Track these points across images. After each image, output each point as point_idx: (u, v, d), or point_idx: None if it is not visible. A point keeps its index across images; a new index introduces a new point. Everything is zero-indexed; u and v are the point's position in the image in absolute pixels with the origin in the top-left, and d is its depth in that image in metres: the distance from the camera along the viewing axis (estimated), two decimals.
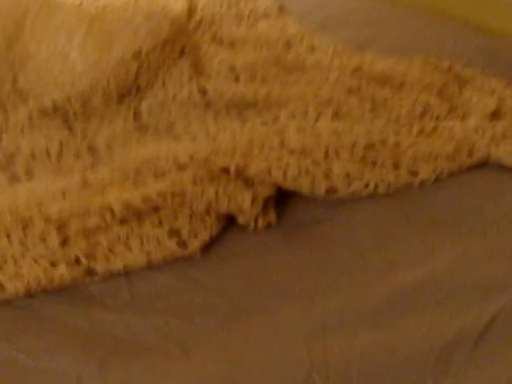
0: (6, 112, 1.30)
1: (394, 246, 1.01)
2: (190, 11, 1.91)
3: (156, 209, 0.99)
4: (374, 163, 1.14)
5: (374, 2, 2.02)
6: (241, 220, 1.03)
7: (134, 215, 0.97)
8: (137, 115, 1.33)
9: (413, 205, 1.10)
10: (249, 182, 1.05)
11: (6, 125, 1.25)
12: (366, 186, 1.11)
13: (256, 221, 1.04)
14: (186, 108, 1.33)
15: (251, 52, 1.59)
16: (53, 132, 1.22)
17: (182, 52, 1.43)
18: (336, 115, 1.28)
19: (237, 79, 1.43)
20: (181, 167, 1.05)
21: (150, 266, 0.96)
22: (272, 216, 1.06)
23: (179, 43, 1.43)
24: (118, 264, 0.94)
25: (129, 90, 1.35)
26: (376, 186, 1.11)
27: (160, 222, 0.98)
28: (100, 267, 0.93)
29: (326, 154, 1.12)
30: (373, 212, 1.08)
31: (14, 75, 1.38)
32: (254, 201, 1.03)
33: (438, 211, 1.09)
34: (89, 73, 1.32)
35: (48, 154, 1.16)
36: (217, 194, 1.00)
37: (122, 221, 0.97)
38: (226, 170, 1.05)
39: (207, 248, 1.00)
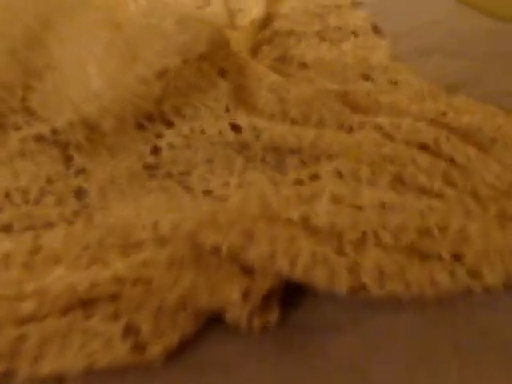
0: (4, 133, 1.11)
1: None
2: (267, 20, 1.66)
3: (113, 296, 0.76)
4: (424, 255, 0.86)
5: (492, 30, 1.69)
6: (228, 317, 0.78)
7: (79, 303, 0.74)
8: (156, 150, 1.10)
9: (467, 322, 0.81)
10: (246, 268, 0.80)
11: None
12: (408, 286, 0.83)
13: (250, 320, 0.79)
14: (213, 148, 1.09)
15: (316, 80, 1.33)
16: (43, 165, 1.01)
17: (221, 72, 1.19)
18: (396, 180, 1.00)
19: (284, 116, 1.18)
20: (159, 241, 0.81)
21: (92, 373, 0.72)
22: (273, 315, 0.80)
23: (219, 61, 1.19)
24: (46, 367, 0.71)
25: (150, 117, 1.13)
26: (421, 288, 0.83)
27: (115, 315, 0.75)
28: (23, 369, 0.71)
29: (362, 237, 0.85)
30: (407, 325, 0.80)
31: (26, 86, 1.19)
32: (247, 294, 0.78)
33: (502, 337, 0.79)
34: (104, 92, 1.11)
35: (26, 193, 0.96)
36: (195, 282, 0.76)
37: (65, 309, 0.74)
38: (216, 250, 0.80)
39: (175, 354, 0.75)
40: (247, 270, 0.80)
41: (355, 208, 0.89)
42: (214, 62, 1.19)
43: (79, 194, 0.98)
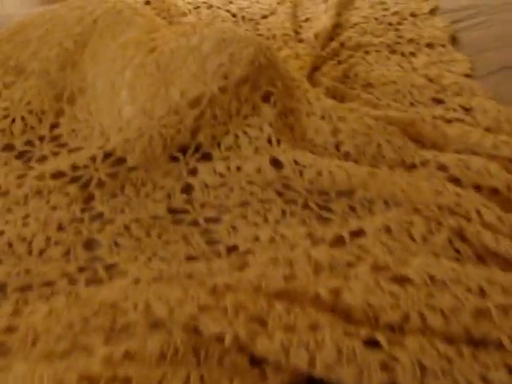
0: (26, 166, 1.02)
1: None
2: (334, 30, 1.52)
3: None
4: (478, 343, 0.71)
5: None
6: None
7: None
8: (187, 188, 0.99)
9: None
10: (256, 360, 0.67)
11: (7, 188, 0.97)
12: None
13: None
14: (250, 188, 0.97)
15: (379, 104, 1.18)
16: (58, 207, 0.92)
17: (266, 97, 1.07)
18: (456, 237, 0.85)
19: (336, 149, 1.04)
20: (153, 325, 0.69)
21: None
22: None
23: (264, 84, 1.07)
24: None
25: (183, 149, 1.02)
26: None
27: None
28: None
29: (403, 320, 0.71)
30: None
31: (58, 112, 1.11)
32: None
33: None
34: (133, 121, 1.01)
35: (31, 244, 0.87)
36: (189, 379, 0.64)
37: None
38: (220, 339, 0.67)
39: None
40: (257, 362, 0.67)
41: (398, 281, 0.75)
42: (258, 85, 1.07)
43: (90, 245, 0.88)
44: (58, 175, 0.97)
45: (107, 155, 0.98)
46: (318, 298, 0.72)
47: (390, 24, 1.57)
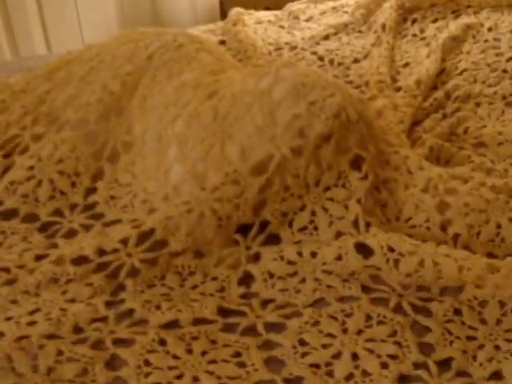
0: (49, 243, 0.83)
1: None
2: (439, 78, 1.29)
3: None
4: None
5: None
6: None
7: None
8: (246, 279, 0.77)
9: None
10: None
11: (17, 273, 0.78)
12: None
13: None
14: (327, 279, 0.75)
15: (495, 171, 0.94)
16: (76, 301, 0.72)
17: (355, 162, 0.84)
18: None
19: (443, 231, 0.81)
20: None
21: None
22: None
23: (353, 145, 0.85)
24: None
25: (243, 230, 0.81)
26: None
27: None
28: None
29: None
30: None
31: (94, 174, 0.92)
32: None
33: None
34: (181, 188, 0.81)
35: (34, 357, 0.67)
36: None
37: None
38: None
39: None
40: None
41: None
42: (344, 146, 0.85)
43: (112, 364, 0.66)
44: (80, 260, 0.77)
45: (144, 236, 0.77)
46: None
47: (505, 71, 1.32)
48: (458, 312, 0.72)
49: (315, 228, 0.81)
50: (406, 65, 1.41)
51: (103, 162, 0.93)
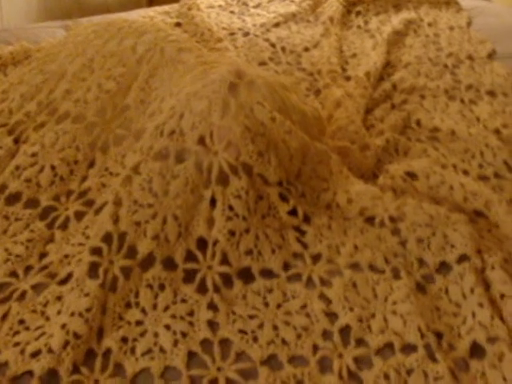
0: (49, 234, 0.90)
1: None
2: (385, 69, 1.40)
3: None
4: None
5: None
6: None
7: None
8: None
9: None
10: None
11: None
12: None
13: None
14: None
15: (447, 165, 1.06)
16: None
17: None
18: None
19: None
20: None
21: None
22: None
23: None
24: None
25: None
26: None
27: None
28: None
29: None
30: None
31: (90, 162, 0.97)
32: None
33: None
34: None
35: None
36: None
37: None
38: None
39: None
40: None
41: None
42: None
43: None
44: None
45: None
46: None
47: (446, 66, 1.45)
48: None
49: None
50: (354, 55, 1.51)
51: (95, 152, 0.98)
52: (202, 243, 0.86)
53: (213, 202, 0.88)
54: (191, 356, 0.76)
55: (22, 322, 0.77)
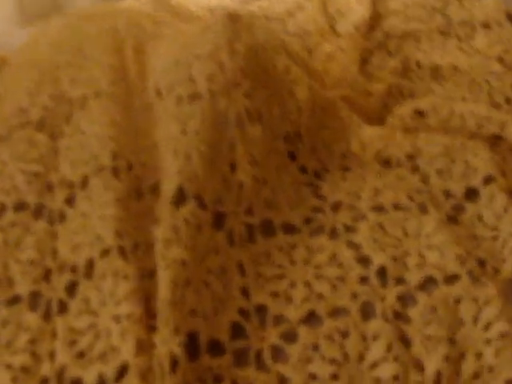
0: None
1: None
2: (374, 20, 1.35)
3: None
4: None
5: None
6: None
7: None
8: None
9: None
10: None
11: None
12: None
13: None
14: None
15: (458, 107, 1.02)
16: None
17: None
18: None
19: None
20: None
21: None
22: None
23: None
24: None
25: None
26: None
27: None
28: None
29: None
30: None
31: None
32: None
33: None
34: None
35: None
36: None
37: None
38: None
39: None
40: None
41: None
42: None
43: None
44: None
45: None
46: None
47: (435, 8, 1.40)
48: None
49: None
50: (339, 12, 1.46)
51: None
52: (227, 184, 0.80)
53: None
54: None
55: None
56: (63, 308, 0.70)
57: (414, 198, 0.84)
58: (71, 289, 0.72)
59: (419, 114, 1.01)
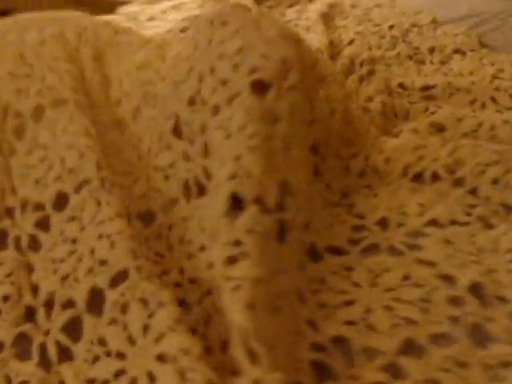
0: None
1: None
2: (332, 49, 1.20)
3: None
4: None
5: None
6: None
7: None
8: None
9: None
10: None
11: None
12: None
13: None
14: None
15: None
16: None
17: None
18: None
19: None
20: None
21: None
22: None
23: None
24: None
25: None
26: None
27: None
28: None
29: None
30: None
31: None
32: None
33: None
34: None
35: None
36: None
37: None
38: None
39: None
40: None
41: None
42: None
43: None
44: None
45: None
46: None
47: (394, 37, 1.26)
48: None
49: None
50: None
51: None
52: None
53: None
54: None
55: None
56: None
57: (468, 212, 0.68)
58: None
59: (437, 127, 0.84)
